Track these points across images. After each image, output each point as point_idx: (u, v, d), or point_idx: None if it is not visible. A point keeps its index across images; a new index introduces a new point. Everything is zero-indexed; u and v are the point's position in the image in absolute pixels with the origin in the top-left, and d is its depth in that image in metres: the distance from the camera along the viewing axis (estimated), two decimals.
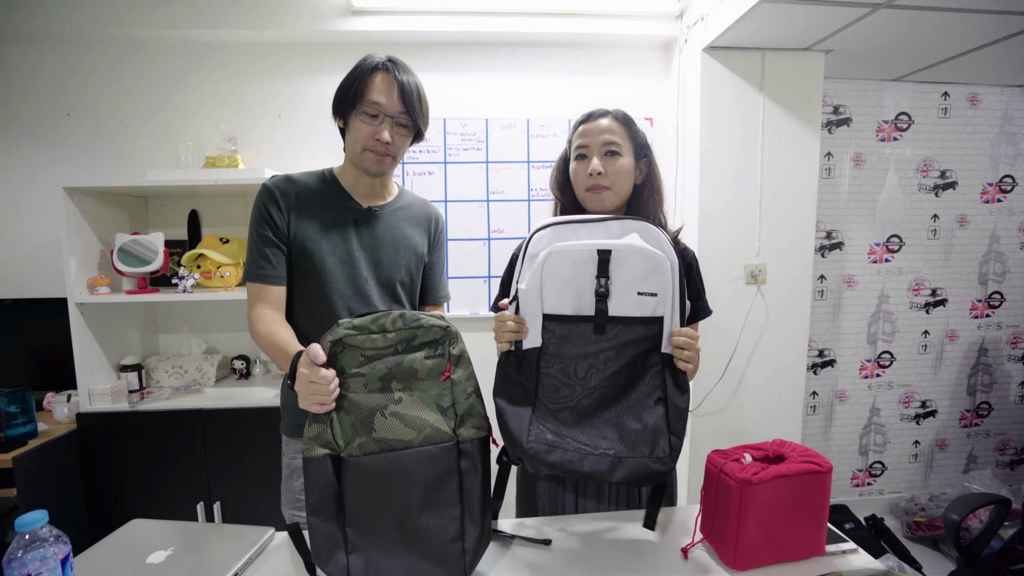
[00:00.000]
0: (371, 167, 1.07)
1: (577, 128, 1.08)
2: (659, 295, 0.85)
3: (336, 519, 0.79)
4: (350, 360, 0.82)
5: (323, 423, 0.80)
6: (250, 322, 1.05)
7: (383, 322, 0.81)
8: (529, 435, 0.86)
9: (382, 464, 0.79)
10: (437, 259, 1.24)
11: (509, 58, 2.18)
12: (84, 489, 1.80)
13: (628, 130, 1.06)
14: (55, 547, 0.70)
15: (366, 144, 1.05)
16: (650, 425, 0.84)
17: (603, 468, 0.83)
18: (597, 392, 0.87)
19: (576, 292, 0.86)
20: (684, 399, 0.86)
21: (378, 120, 1.04)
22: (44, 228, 2.10)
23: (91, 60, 2.08)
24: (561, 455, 0.84)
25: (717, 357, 1.99)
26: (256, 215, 1.07)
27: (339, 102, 1.07)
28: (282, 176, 1.10)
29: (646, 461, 0.83)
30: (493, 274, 2.22)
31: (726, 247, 1.98)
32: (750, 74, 1.92)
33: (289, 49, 2.12)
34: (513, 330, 0.88)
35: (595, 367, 0.87)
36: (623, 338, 0.86)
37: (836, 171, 2.35)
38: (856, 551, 0.94)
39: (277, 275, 1.06)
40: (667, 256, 0.83)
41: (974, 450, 2.59)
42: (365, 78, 1.03)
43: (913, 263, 2.44)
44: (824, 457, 0.90)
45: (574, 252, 0.85)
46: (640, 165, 1.08)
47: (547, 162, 2.19)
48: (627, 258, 0.84)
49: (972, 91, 2.35)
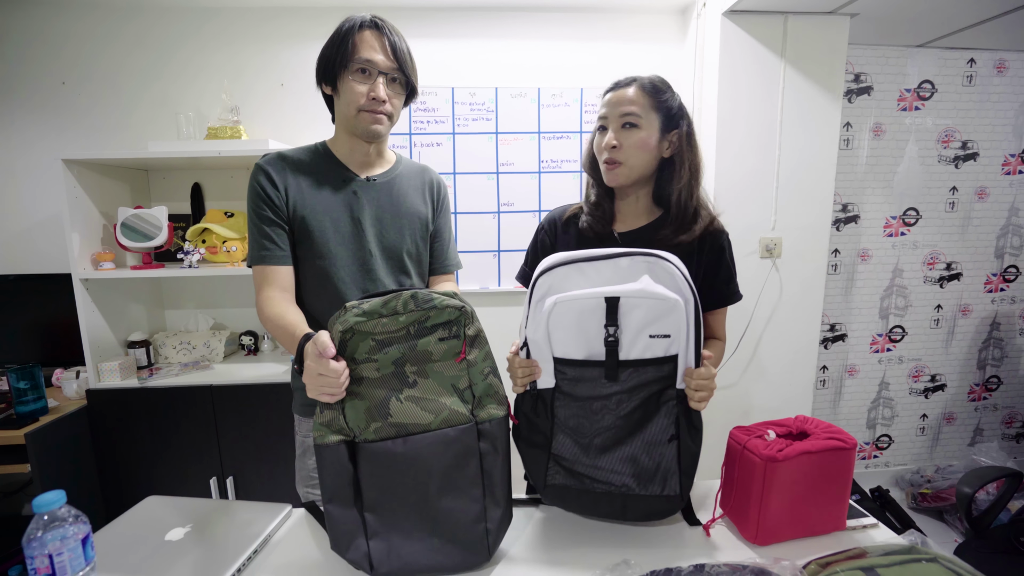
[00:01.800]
0: (368, 129, 1.02)
1: (604, 97, 1.03)
2: (672, 336, 0.82)
3: (355, 505, 0.77)
4: (361, 346, 0.78)
5: (335, 410, 0.77)
6: (258, 306, 1.02)
7: (394, 304, 0.76)
8: (547, 478, 0.89)
9: (400, 449, 0.77)
10: (443, 225, 1.20)
11: (519, 24, 2.10)
12: (97, 465, 1.81)
13: (655, 99, 0.98)
14: (75, 527, 0.69)
15: (361, 104, 1.00)
16: (662, 465, 0.86)
17: (616, 508, 0.87)
18: (611, 431, 0.86)
19: (586, 338, 0.84)
20: (697, 440, 0.87)
21: (371, 78, 1.00)
22: (45, 202, 2.06)
23: (85, 26, 2.00)
24: (576, 497, 0.89)
25: (730, 332, 1.95)
26: (252, 196, 1.03)
27: (325, 67, 1.01)
28: (273, 154, 1.06)
29: (656, 501, 0.86)
30: (503, 248, 2.18)
31: (742, 220, 1.94)
32: (771, 39, 1.84)
33: (290, 14, 2.04)
34: (526, 375, 0.88)
35: (608, 407, 0.86)
36: (636, 381, 0.84)
37: (854, 142, 2.28)
38: (877, 526, 0.94)
39: (282, 255, 1.03)
40: (680, 296, 0.79)
41: (981, 423, 2.59)
42: (351, 37, 0.98)
43: (929, 236, 2.39)
44: (848, 433, 0.89)
45: (580, 301, 0.81)
46: (670, 137, 1.00)
47: (558, 133, 2.13)
48: (637, 303, 0.80)
49: (1000, 57, 2.26)
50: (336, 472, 0.76)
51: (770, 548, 0.87)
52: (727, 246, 1.06)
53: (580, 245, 1.05)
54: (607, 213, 1.06)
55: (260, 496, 1.84)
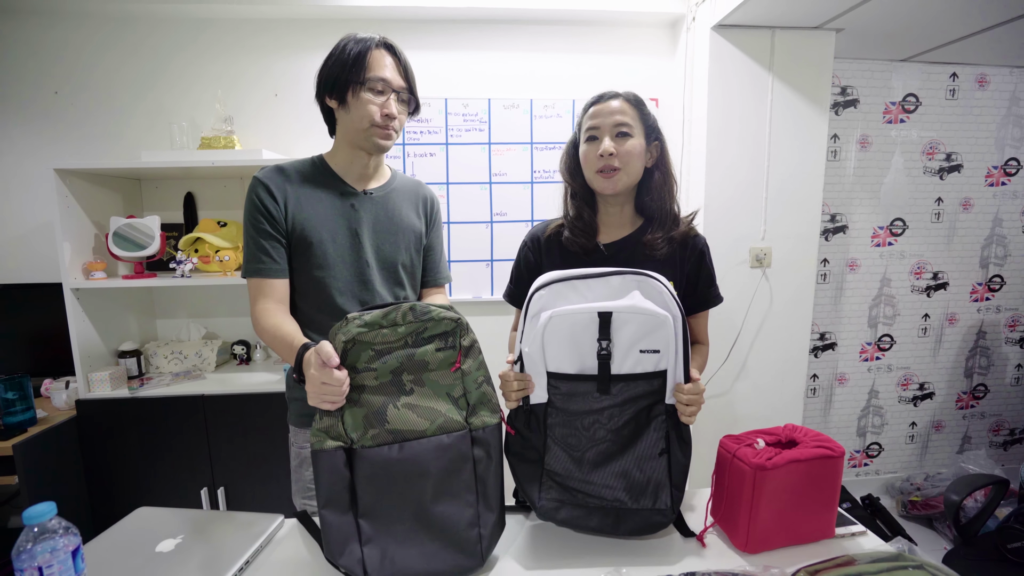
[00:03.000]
0: (378, 144, 1.06)
1: (587, 110, 1.07)
2: (661, 351, 0.86)
3: (350, 510, 0.79)
4: (361, 356, 0.81)
5: (334, 417, 0.79)
6: (253, 319, 1.03)
7: (394, 316, 0.80)
8: (540, 493, 0.91)
9: (396, 454, 0.79)
10: (435, 240, 1.23)
11: (512, 36, 2.13)
12: (86, 476, 1.79)
13: (639, 112, 1.05)
14: (64, 539, 0.69)
15: (375, 120, 1.03)
16: (653, 478, 0.89)
17: (608, 523, 0.89)
18: (603, 445, 0.89)
19: (579, 352, 0.88)
20: (686, 453, 0.90)
21: (384, 96, 1.03)
22: (36, 211, 2.05)
23: (79, 35, 2.00)
24: (569, 512, 0.90)
25: (720, 341, 1.99)
26: (250, 208, 1.04)
27: (335, 81, 1.03)
28: (271, 167, 1.07)
29: (648, 514, 0.89)
30: (496, 258, 2.19)
31: (731, 230, 1.96)
32: (759, 53, 1.88)
33: (284, 25, 2.06)
34: (519, 389, 0.90)
35: (600, 422, 0.89)
36: (627, 395, 0.88)
37: (842, 154, 2.32)
38: (865, 533, 0.95)
39: (278, 268, 1.04)
40: (669, 313, 0.84)
41: (969, 431, 2.62)
42: (366, 55, 1.01)
43: (916, 247, 2.43)
44: (836, 441, 0.91)
45: (575, 315, 0.85)
46: (651, 148, 1.06)
47: (550, 143, 2.15)
48: (628, 319, 0.85)
49: (981, 72, 2.32)
50: (332, 478, 0.78)
51: (760, 556, 0.87)
52: (706, 250, 1.10)
53: (566, 259, 1.08)
54: (589, 225, 1.09)
55: (252, 507, 1.83)
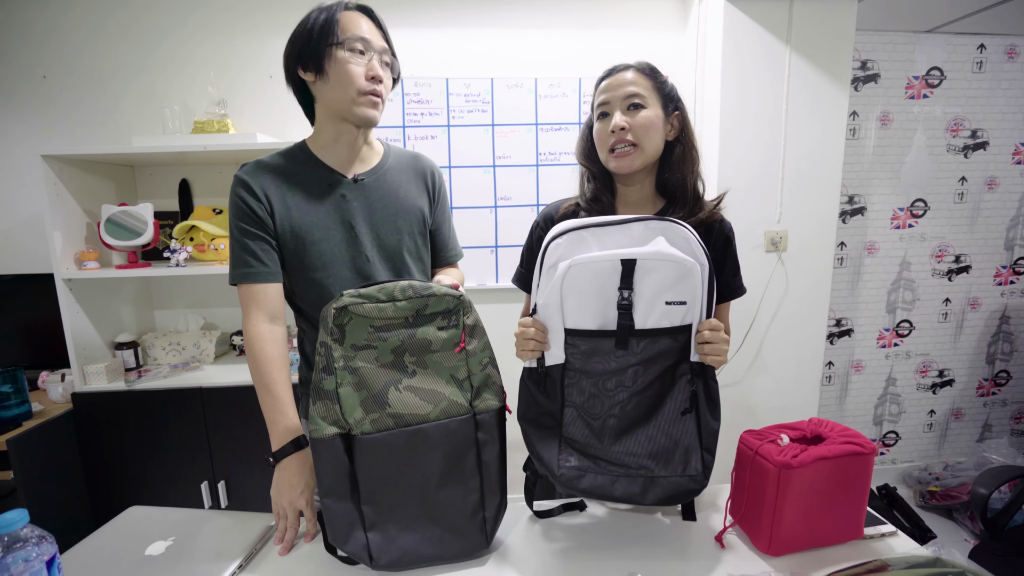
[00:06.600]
0: (366, 114, 0.95)
1: (598, 85, 0.98)
2: (688, 303, 0.79)
3: (351, 498, 0.77)
4: (359, 332, 0.77)
5: (330, 400, 0.76)
6: (244, 332, 0.98)
7: (391, 290, 0.77)
8: (559, 461, 0.84)
9: (399, 441, 0.77)
10: (442, 214, 1.14)
11: (514, 12, 2.03)
12: (84, 470, 1.75)
13: (654, 81, 0.96)
14: (39, 547, 0.65)
15: (360, 85, 0.93)
16: (682, 442, 0.82)
17: (636, 491, 0.82)
18: (626, 408, 0.82)
19: (600, 305, 0.80)
20: (716, 414, 0.83)
21: (366, 57, 0.93)
22: (25, 200, 1.99)
23: (67, 17, 1.92)
24: (592, 479, 0.83)
25: (734, 329, 1.91)
26: (233, 210, 0.96)
27: (306, 49, 0.94)
28: (252, 164, 0.98)
29: (679, 480, 0.82)
30: (500, 243, 2.12)
31: (746, 213, 1.88)
32: (776, 25, 1.78)
33: (277, 4, 1.97)
34: (537, 338, 0.82)
35: (623, 383, 0.82)
36: (650, 352, 0.81)
37: (861, 131, 2.22)
38: (896, 534, 0.89)
39: (268, 271, 0.96)
40: (696, 260, 0.77)
41: (990, 419, 2.55)
42: (335, 17, 0.92)
43: (937, 228, 2.34)
44: (865, 437, 0.85)
45: (595, 263, 0.78)
46: (671, 119, 0.97)
47: (556, 124, 2.07)
48: (653, 266, 0.77)
49: (1011, 43, 2.20)
50: (332, 467, 0.76)
51: (784, 559, 0.82)
52: (732, 236, 1.01)
53: None
54: (606, 207, 1.01)
55: (253, 500, 1.80)
